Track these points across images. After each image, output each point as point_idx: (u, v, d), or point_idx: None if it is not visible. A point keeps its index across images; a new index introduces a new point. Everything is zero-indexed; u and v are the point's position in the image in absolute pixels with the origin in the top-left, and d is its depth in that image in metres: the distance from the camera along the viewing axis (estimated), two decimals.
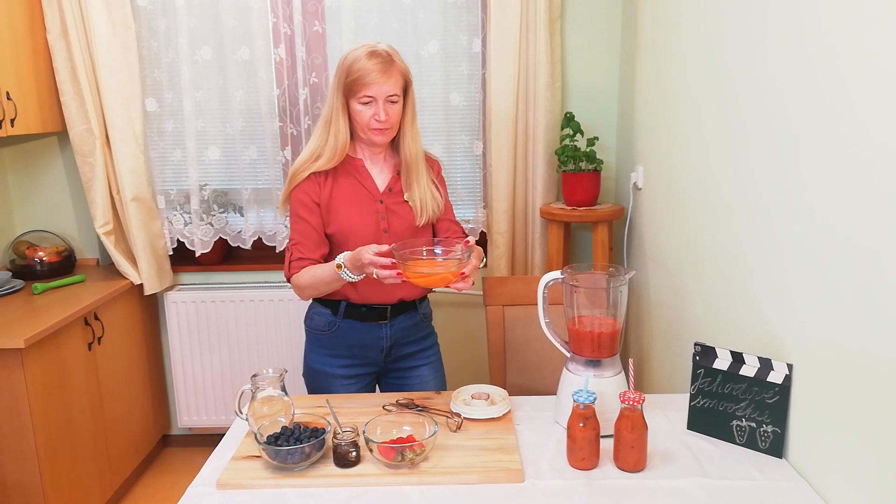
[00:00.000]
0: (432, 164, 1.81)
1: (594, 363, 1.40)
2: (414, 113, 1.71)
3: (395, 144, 1.75)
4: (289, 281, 1.71)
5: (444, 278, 1.43)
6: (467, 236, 1.81)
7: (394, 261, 1.43)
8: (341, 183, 1.70)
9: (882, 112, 0.99)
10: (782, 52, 1.30)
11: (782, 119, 1.30)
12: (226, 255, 2.90)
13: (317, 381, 1.80)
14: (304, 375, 1.85)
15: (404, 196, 1.73)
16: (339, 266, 1.54)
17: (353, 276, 1.54)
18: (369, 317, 1.75)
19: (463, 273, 1.44)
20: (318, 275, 1.63)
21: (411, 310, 1.81)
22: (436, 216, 1.77)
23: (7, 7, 2.29)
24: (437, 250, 1.53)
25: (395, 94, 1.62)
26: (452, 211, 1.87)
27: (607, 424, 1.31)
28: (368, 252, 1.45)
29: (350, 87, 1.60)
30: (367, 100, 1.60)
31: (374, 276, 1.45)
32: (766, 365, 1.30)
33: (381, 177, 1.74)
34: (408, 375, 1.84)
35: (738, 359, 1.34)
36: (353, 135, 1.69)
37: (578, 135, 2.48)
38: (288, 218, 1.71)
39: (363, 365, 1.80)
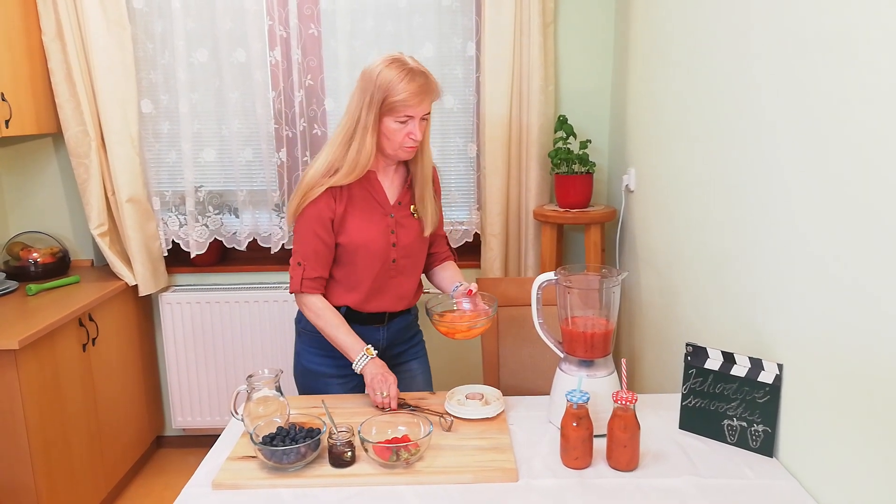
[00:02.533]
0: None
1: (587, 363, 1.41)
2: (429, 126, 1.71)
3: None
4: (294, 294, 1.70)
5: (480, 331, 1.62)
6: (452, 251, 1.92)
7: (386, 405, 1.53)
8: (355, 196, 1.67)
9: (870, 117, 1.01)
10: (773, 57, 1.32)
11: (771, 122, 1.32)
12: (221, 257, 2.90)
13: (311, 381, 1.80)
14: (295, 375, 1.85)
15: (411, 209, 1.74)
16: (367, 351, 1.62)
17: (360, 366, 1.61)
18: (369, 321, 1.76)
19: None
20: (331, 330, 1.67)
21: (405, 313, 1.84)
22: (434, 227, 1.79)
23: (2, 8, 2.29)
24: (466, 304, 1.66)
25: (429, 112, 1.63)
26: (443, 222, 1.90)
27: (600, 424, 1.33)
28: (389, 388, 1.54)
29: (391, 107, 1.57)
30: (404, 119, 1.58)
31: (369, 391, 1.57)
32: (756, 365, 1.32)
33: (391, 189, 1.73)
34: (398, 370, 1.85)
35: (729, 359, 1.36)
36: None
37: (571, 138, 2.50)
38: (293, 229, 1.70)
39: None
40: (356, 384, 1.82)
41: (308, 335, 1.80)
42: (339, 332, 1.66)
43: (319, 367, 1.79)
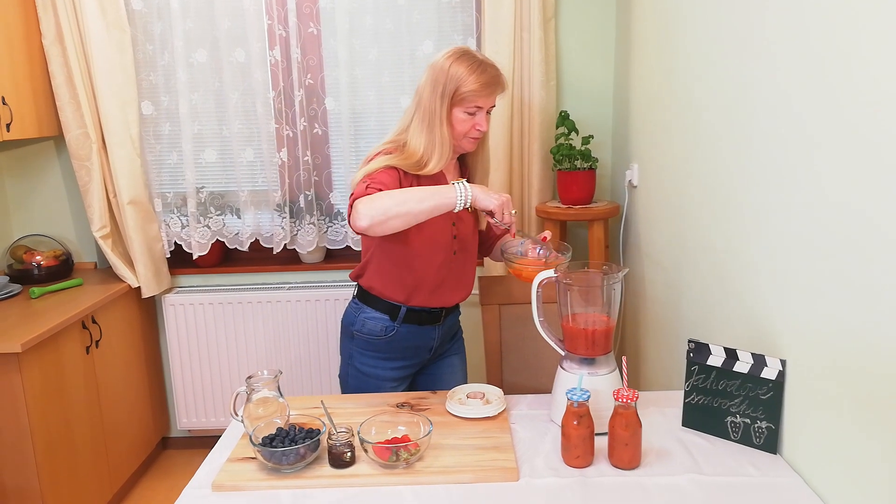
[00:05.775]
0: None
1: (588, 361, 1.40)
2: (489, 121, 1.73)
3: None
4: (356, 203, 1.49)
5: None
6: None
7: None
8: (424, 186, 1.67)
9: (868, 115, 1.00)
10: (775, 53, 1.30)
11: (775, 116, 1.30)
12: (223, 257, 2.90)
13: (363, 384, 1.80)
14: (344, 377, 1.84)
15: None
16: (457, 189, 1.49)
17: (465, 194, 1.48)
18: (427, 320, 1.78)
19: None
20: (408, 195, 1.48)
21: (456, 310, 1.88)
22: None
23: (2, 12, 2.29)
24: (540, 250, 1.67)
25: (494, 105, 1.67)
26: None
27: (602, 422, 1.32)
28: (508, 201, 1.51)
29: (461, 97, 1.60)
30: (473, 109, 1.62)
31: (493, 217, 1.51)
32: (759, 361, 1.30)
33: None
34: (441, 365, 1.91)
35: (731, 355, 1.34)
36: None
37: (573, 133, 2.48)
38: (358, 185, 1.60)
39: (412, 365, 1.84)
40: (408, 385, 1.86)
41: (365, 340, 1.78)
42: (416, 191, 1.50)
43: (375, 370, 1.79)
